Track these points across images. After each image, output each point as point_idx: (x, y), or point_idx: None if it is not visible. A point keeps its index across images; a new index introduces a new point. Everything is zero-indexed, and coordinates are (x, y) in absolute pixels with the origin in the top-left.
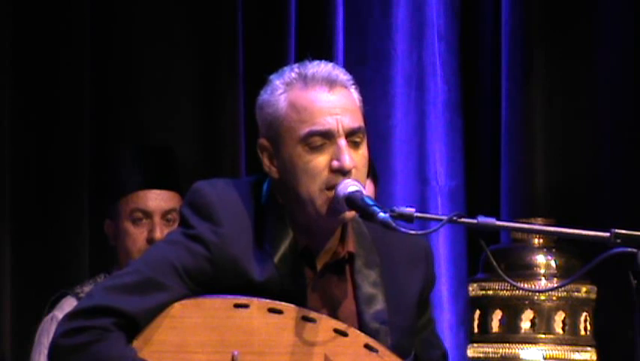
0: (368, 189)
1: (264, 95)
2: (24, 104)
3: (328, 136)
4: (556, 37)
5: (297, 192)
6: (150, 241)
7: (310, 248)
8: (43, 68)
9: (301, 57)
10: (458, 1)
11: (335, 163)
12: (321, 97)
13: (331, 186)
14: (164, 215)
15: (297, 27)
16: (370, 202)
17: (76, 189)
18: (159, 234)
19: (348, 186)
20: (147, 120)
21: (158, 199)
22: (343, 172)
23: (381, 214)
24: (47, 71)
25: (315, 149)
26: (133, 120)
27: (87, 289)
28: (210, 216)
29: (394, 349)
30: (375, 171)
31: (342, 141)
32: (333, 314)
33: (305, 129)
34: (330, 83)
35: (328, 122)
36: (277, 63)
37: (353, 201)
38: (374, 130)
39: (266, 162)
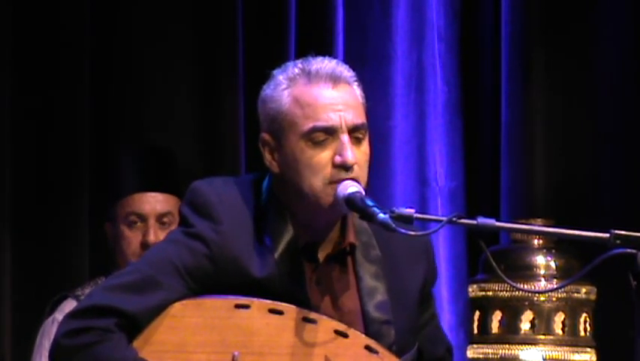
0: None
1: (267, 90)
2: (24, 103)
3: (331, 132)
4: (556, 38)
5: (299, 186)
6: (144, 244)
7: (311, 242)
8: (43, 68)
9: (301, 58)
10: (458, 1)
11: (337, 158)
12: (325, 93)
13: (334, 181)
14: (159, 218)
15: (297, 27)
16: (370, 203)
17: (77, 190)
18: (153, 237)
19: (348, 187)
20: (147, 120)
21: (152, 202)
22: (346, 167)
23: (381, 215)
24: (47, 71)
25: (318, 144)
26: (133, 120)
27: (88, 291)
28: (210, 215)
29: (397, 342)
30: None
31: (345, 137)
32: (336, 307)
33: (308, 125)
34: (334, 79)
35: (331, 118)
36: (277, 63)
37: (353, 202)
38: (374, 131)
39: (267, 156)
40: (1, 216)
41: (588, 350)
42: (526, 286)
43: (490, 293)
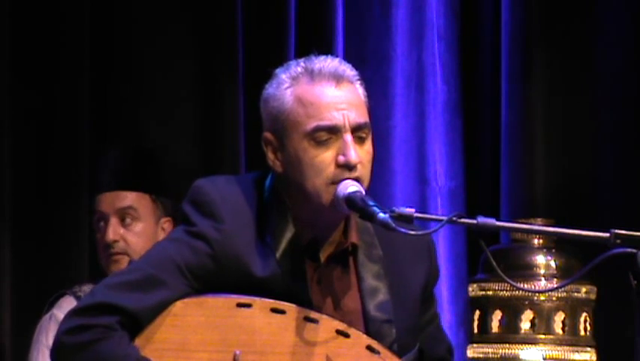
0: None
1: (270, 89)
2: (24, 103)
3: (334, 131)
4: (555, 37)
5: (303, 186)
6: (105, 245)
7: (313, 242)
8: (43, 68)
9: (301, 57)
10: (458, 1)
11: (341, 158)
12: (328, 92)
13: (337, 181)
14: (119, 213)
15: (296, 27)
16: (370, 203)
17: (77, 190)
18: (111, 235)
19: (348, 186)
20: (147, 120)
21: (110, 199)
22: (349, 167)
23: (381, 215)
24: (47, 71)
25: (321, 143)
26: (132, 120)
27: (86, 288)
28: (212, 214)
29: (397, 342)
30: None
31: (348, 136)
32: (337, 307)
33: (311, 124)
34: (337, 78)
35: (335, 117)
36: (277, 63)
37: (352, 201)
38: (374, 130)
39: (270, 155)
40: (1, 215)
41: (588, 349)
42: (526, 286)
43: (490, 293)
